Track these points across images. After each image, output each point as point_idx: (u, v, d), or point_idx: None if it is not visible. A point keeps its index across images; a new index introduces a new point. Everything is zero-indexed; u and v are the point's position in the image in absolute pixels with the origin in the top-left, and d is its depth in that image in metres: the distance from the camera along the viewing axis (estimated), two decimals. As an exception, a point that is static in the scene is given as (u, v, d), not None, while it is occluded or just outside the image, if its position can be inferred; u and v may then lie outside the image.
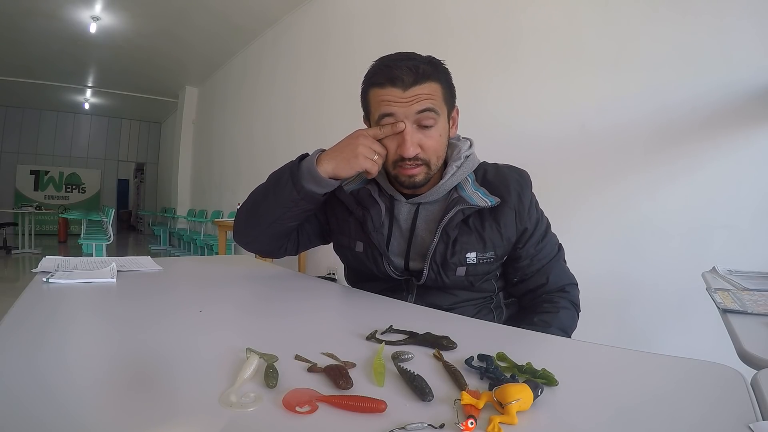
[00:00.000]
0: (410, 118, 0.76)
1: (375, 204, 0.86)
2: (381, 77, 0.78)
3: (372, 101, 0.80)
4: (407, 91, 0.75)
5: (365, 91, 0.82)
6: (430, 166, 0.80)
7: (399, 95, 0.76)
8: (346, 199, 0.87)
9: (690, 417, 0.37)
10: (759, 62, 1.55)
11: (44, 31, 5.26)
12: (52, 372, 0.41)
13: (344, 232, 0.90)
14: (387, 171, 0.85)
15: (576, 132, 2.04)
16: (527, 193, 0.84)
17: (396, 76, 0.76)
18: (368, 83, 0.81)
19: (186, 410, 0.36)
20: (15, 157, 9.76)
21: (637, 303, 1.83)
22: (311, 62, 4.17)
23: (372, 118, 0.82)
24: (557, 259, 0.89)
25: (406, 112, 0.76)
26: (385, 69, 0.77)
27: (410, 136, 0.76)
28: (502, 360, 0.47)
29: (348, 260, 0.96)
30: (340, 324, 0.67)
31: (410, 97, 0.75)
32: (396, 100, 0.76)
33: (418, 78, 0.76)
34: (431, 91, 0.77)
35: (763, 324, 0.60)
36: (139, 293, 0.78)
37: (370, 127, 0.81)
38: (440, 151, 0.81)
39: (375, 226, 0.84)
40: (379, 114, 0.78)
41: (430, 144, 0.78)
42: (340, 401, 0.36)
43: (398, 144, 0.78)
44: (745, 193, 1.59)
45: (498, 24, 2.45)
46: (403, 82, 0.75)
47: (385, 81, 0.77)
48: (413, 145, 0.77)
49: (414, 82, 0.75)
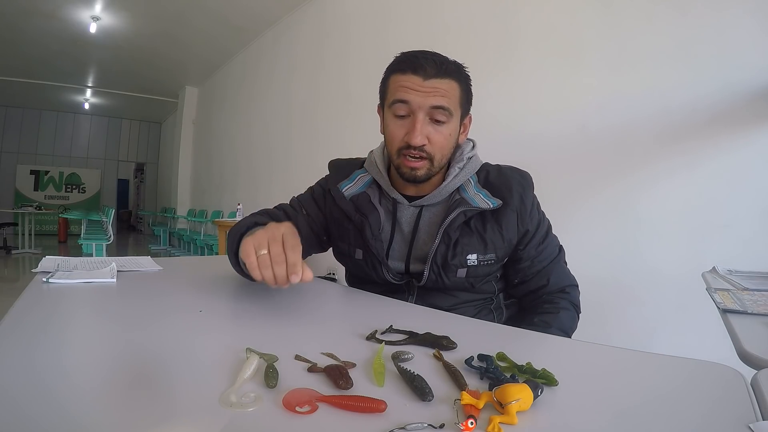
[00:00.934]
0: (423, 109, 0.76)
1: (374, 210, 0.85)
2: (404, 64, 0.78)
3: (390, 86, 0.80)
4: (427, 81, 0.75)
5: (386, 77, 0.82)
6: (434, 162, 0.79)
7: (418, 83, 0.75)
8: (345, 206, 0.86)
9: (690, 417, 0.37)
10: (759, 62, 1.55)
11: (44, 31, 5.26)
12: (52, 372, 0.41)
13: (344, 238, 0.89)
14: (390, 163, 0.84)
15: (576, 132, 2.04)
16: (529, 195, 0.84)
17: (419, 64, 0.76)
18: (390, 69, 0.81)
19: (186, 410, 0.35)
20: (15, 157, 9.77)
21: (637, 303, 1.83)
22: (310, 63, 4.18)
23: (386, 103, 0.81)
24: (558, 260, 0.89)
25: (421, 102, 0.75)
26: (411, 57, 0.78)
27: (420, 125, 0.76)
28: (502, 360, 0.47)
29: (347, 266, 0.96)
30: (340, 324, 0.67)
31: (429, 89, 0.75)
32: (414, 87, 0.75)
33: (440, 72, 0.76)
34: (450, 88, 0.77)
35: (763, 324, 0.60)
36: (139, 293, 0.78)
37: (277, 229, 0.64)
38: (446, 150, 0.80)
39: (374, 234, 0.83)
40: (394, 99, 0.78)
41: (439, 139, 0.77)
42: (340, 401, 0.36)
43: (407, 131, 0.77)
44: (745, 193, 1.59)
45: (497, 24, 2.45)
46: (425, 71, 0.75)
47: (408, 67, 0.77)
48: (422, 134, 0.76)
49: (436, 74, 0.75)
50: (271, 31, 4.96)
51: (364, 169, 0.92)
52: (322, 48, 3.99)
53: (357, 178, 0.90)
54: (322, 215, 0.94)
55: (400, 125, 0.78)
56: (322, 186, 0.96)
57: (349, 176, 0.91)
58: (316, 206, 0.94)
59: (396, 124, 0.79)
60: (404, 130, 0.78)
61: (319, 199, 0.94)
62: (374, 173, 0.89)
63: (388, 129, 0.81)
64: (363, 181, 0.89)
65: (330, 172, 0.95)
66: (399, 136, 0.78)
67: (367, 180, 0.90)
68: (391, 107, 0.79)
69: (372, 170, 0.89)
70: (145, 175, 11.49)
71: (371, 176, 0.90)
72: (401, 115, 0.78)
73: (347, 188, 0.88)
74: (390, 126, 0.80)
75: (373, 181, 0.89)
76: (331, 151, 3.36)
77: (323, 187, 0.95)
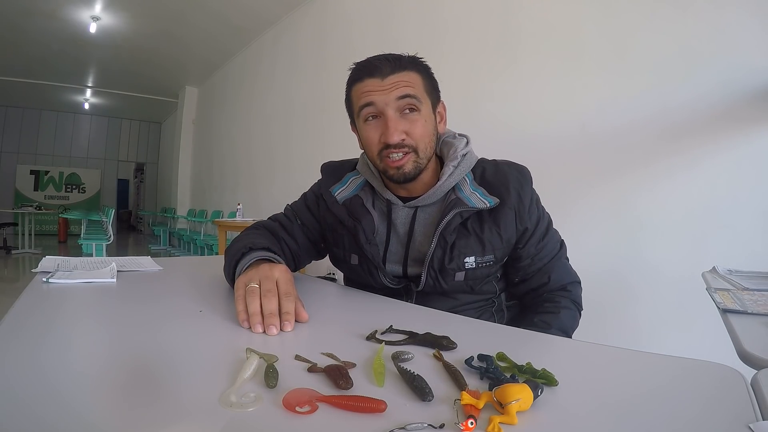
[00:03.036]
0: (391, 105, 0.75)
1: (366, 214, 0.83)
2: (359, 72, 0.78)
3: (353, 98, 0.80)
4: (386, 80, 0.75)
5: (347, 92, 0.82)
6: (419, 152, 0.77)
7: (378, 84, 0.75)
8: (337, 212, 0.85)
9: (690, 417, 0.37)
10: (759, 62, 1.55)
11: (44, 31, 5.26)
12: (52, 372, 0.41)
13: (339, 244, 0.88)
14: (378, 169, 0.83)
15: (576, 132, 2.04)
16: (527, 191, 0.82)
17: (374, 66, 0.76)
18: (349, 83, 0.81)
19: (186, 410, 0.35)
20: (15, 157, 9.77)
21: (637, 303, 1.83)
22: (310, 62, 4.17)
23: (355, 116, 0.81)
24: (559, 257, 0.87)
25: (386, 99, 0.75)
26: (364, 63, 0.78)
27: (393, 122, 0.75)
28: (502, 360, 0.47)
29: (344, 272, 0.94)
30: (340, 324, 0.67)
31: (389, 85, 0.75)
32: (375, 88, 0.75)
33: (395, 67, 0.76)
34: (410, 78, 0.76)
35: (763, 324, 0.60)
36: (139, 293, 0.78)
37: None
38: (427, 138, 0.78)
39: (368, 239, 0.82)
40: (359, 105, 0.77)
41: (416, 129, 0.76)
42: (340, 401, 0.36)
43: (381, 132, 0.76)
44: (745, 192, 1.59)
45: (498, 24, 2.45)
46: (381, 71, 0.75)
47: (363, 74, 0.77)
48: (397, 130, 0.75)
49: (392, 70, 0.75)
50: (271, 31, 4.97)
51: (356, 172, 0.90)
52: (323, 47, 3.99)
53: (349, 181, 0.89)
54: (317, 222, 0.92)
55: (374, 128, 0.77)
56: (315, 192, 0.94)
57: (342, 179, 0.90)
58: (309, 213, 0.93)
59: (369, 128, 0.78)
60: (378, 131, 0.77)
61: (312, 206, 0.93)
62: (367, 175, 0.87)
63: (363, 137, 0.80)
64: (355, 183, 0.88)
65: (322, 176, 0.94)
66: (375, 138, 0.77)
67: (359, 182, 0.88)
68: (359, 116, 0.78)
69: (365, 172, 0.88)
70: (145, 175, 11.49)
71: (364, 178, 0.88)
72: (372, 117, 0.77)
73: (339, 192, 0.87)
74: (364, 133, 0.79)
75: (366, 182, 0.88)
76: (332, 150, 3.37)
77: (316, 193, 0.94)
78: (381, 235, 0.85)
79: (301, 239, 0.91)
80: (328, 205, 0.87)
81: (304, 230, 0.92)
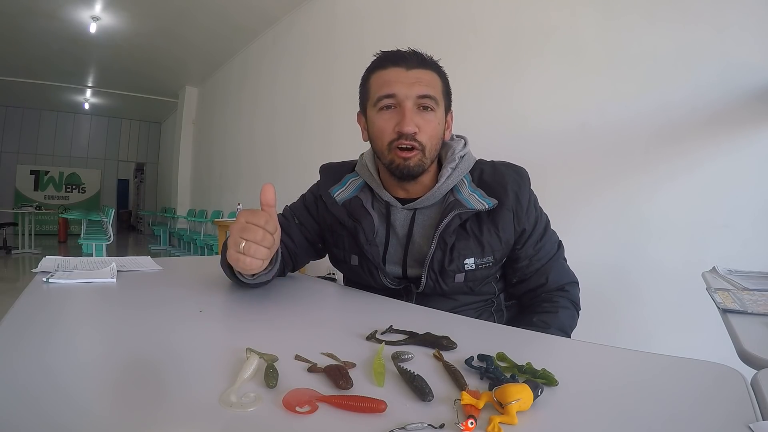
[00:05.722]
0: (411, 99, 0.75)
1: (367, 215, 0.83)
2: (384, 60, 0.78)
3: (373, 85, 0.79)
4: (410, 72, 0.75)
5: (366, 78, 0.81)
6: (425, 152, 0.77)
7: (402, 74, 0.75)
8: (337, 213, 0.85)
9: (690, 417, 0.37)
10: (759, 62, 1.55)
11: (44, 30, 5.26)
12: (52, 372, 0.41)
13: (338, 245, 0.88)
14: (381, 162, 0.82)
15: (576, 131, 2.04)
16: (525, 192, 0.82)
17: (401, 56, 0.76)
18: (371, 69, 0.81)
19: (186, 410, 0.35)
20: (15, 157, 9.77)
21: (637, 303, 1.83)
22: (312, 61, 4.17)
23: (369, 104, 0.80)
24: (557, 258, 0.87)
25: (408, 92, 0.75)
26: (390, 53, 0.78)
27: (410, 113, 0.75)
28: (502, 360, 0.47)
29: (344, 273, 0.94)
30: (340, 324, 0.67)
31: (413, 78, 0.75)
32: (399, 78, 0.75)
33: (422, 63, 0.76)
34: (432, 79, 0.77)
35: (763, 324, 0.60)
36: (139, 293, 0.78)
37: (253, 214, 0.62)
38: (435, 140, 0.79)
39: (368, 239, 0.82)
40: (378, 95, 0.77)
41: (428, 128, 0.77)
42: (340, 401, 0.36)
43: (396, 122, 0.76)
44: (745, 192, 1.59)
45: (498, 24, 2.45)
46: (407, 62, 0.76)
47: (388, 62, 0.77)
48: (412, 122, 0.75)
49: (418, 65, 0.76)
50: (272, 30, 4.96)
51: (355, 173, 0.90)
52: (325, 46, 3.98)
53: (348, 182, 0.89)
54: (315, 223, 0.92)
55: (389, 118, 0.77)
56: (314, 193, 0.94)
57: (341, 181, 0.89)
58: (308, 214, 0.93)
59: (384, 118, 0.78)
60: (393, 121, 0.77)
61: (311, 207, 0.93)
62: (366, 176, 0.87)
63: (375, 126, 0.79)
64: (354, 185, 0.88)
65: (321, 177, 0.93)
66: (389, 128, 0.77)
67: (358, 184, 0.88)
68: (376, 105, 0.78)
69: (363, 173, 0.88)
70: (145, 175, 11.49)
71: (363, 180, 0.88)
72: (387, 108, 0.77)
73: (339, 193, 0.87)
74: (377, 122, 0.79)
75: (365, 184, 0.88)
76: (333, 150, 3.36)
77: (314, 194, 0.94)
78: (380, 236, 0.85)
79: (298, 238, 0.91)
80: (327, 206, 0.87)
81: (302, 230, 0.92)
